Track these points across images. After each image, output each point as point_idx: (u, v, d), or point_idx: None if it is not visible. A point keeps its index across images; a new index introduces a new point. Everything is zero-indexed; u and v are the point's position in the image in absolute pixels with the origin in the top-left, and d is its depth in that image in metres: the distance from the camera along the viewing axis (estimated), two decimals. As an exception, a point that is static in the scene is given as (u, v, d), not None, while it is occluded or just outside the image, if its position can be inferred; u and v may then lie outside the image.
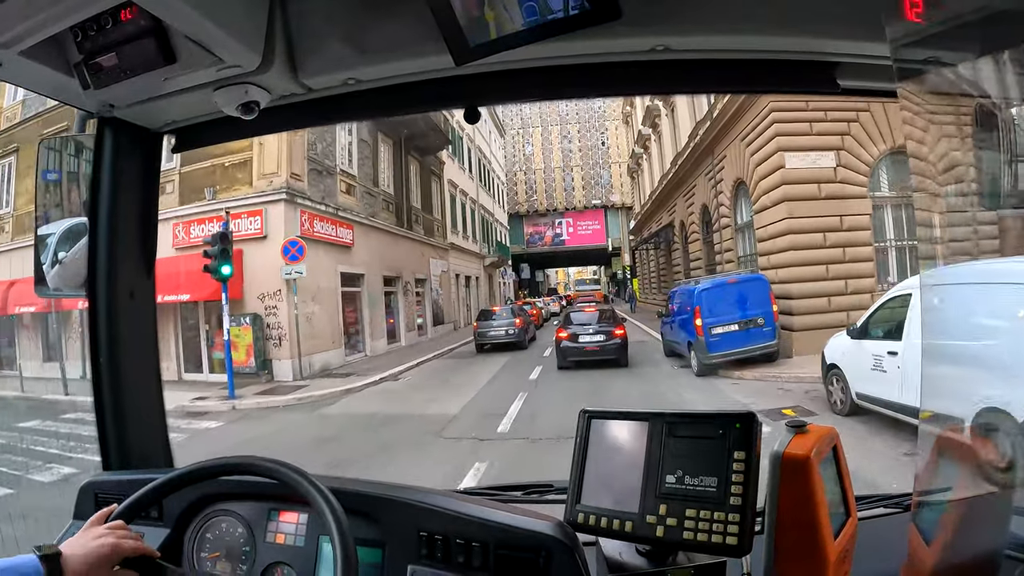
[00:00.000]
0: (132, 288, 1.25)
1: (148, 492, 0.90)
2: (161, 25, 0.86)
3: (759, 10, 0.89)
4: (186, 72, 0.92)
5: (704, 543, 0.75)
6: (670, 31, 0.92)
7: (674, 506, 0.78)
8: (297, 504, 1.00)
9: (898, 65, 0.60)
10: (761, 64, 1.01)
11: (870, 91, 1.10)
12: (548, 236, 46.76)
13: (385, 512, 0.95)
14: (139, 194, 1.26)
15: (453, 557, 0.88)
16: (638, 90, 1.13)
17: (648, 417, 0.84)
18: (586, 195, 45.67)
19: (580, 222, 46.01)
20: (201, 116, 1.20)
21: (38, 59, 0.90)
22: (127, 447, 1.25)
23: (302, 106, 1.14)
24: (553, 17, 0.80)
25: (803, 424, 0.76)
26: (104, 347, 1.22)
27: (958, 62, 0.70)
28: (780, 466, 0.72)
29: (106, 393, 1.23)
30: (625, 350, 11.53)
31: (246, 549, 1.01)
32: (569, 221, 46.15)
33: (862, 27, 0.86)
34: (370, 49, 0.97)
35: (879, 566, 0.86)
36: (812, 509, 0.71)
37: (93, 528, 0.84)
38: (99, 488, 1.15)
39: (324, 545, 0.97)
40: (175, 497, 0.99)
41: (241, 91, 1.00)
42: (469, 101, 1.09)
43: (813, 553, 0.71)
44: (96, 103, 1.10)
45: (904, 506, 1.06)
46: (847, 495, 0.80)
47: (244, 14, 0.88)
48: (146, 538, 1.03)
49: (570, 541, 0.84)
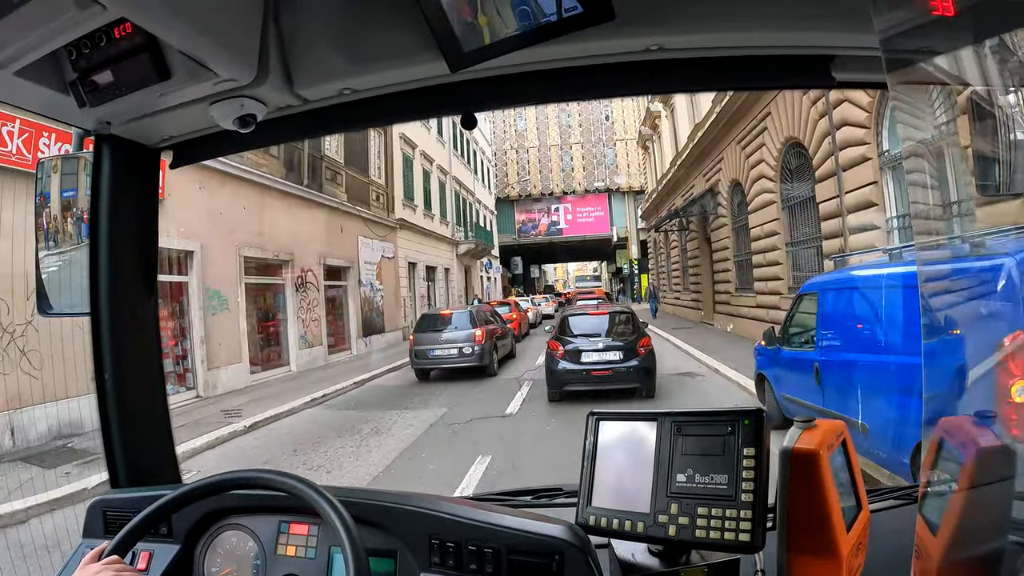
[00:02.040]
0: (134, 305, 1.25)
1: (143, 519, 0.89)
2: (156, 41, 0.86)
3: (753, 6, 0.89)
4: (182, 87, 0.92)
5: (717, 541, 0.75)
6: (664, 31, 0.92)
7: (685, 505, 0.78)
8: (307, 516, 0.99)
9: (887, 56, 0.60)
10: (756, 60, 1.01)
11: (865, 84, 1.10)
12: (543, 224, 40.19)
13: (396, 521, 0.95)
14: (138, 211, 1.26)
15: (465, 564, 0.88)
16: (634, 91, 1.13)
17: (656, 417, 0.85)
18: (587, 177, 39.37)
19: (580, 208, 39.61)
20: (198, 131, 1.20)
21: (33, 78, 0.90)
22: (134, 464, 1.25)
23: (298, 117, 1.14)
24: (547, 20, 0.80)
25: (811, 419, 0.76)
26: (108, 365, 1.22)
27: (949, 52, 0.70)
28: (790, 461, 0.72)
29: (111, 411, 1.23)
30: (651, 374, 7.64)
31: (257, 563, 1.01)
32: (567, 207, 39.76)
33: (855, 20, 0.86)
34: (365, 58, 0.97)
35: (892, 558, 0.86)
36: (823, 503, 0.71)
37: (89, 566, 0.83)
38: (107, 506, 1.14)
39: (336, 556, 0.96)
40: (183, 513, 0.99)
41: (237, 105, 1.01)
42: (465, 107, 1.10)
43: (826, 547, 0.71)
44: (93, 121, 1.11)
45: (913, 498, 1.06)
46: (857, 488, 0.80)
47: (238, 28, 0.88)
48: (156, 554, 1.04)
49: (582, 544, 0.84)
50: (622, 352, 7.65)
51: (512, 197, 40.13)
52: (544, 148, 40.15)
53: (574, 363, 7.75)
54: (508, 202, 40.10)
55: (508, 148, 40.25)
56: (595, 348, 7.76)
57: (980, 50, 0.72)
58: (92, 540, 1.00)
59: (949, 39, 0.65)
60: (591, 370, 7.64)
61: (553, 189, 40.03)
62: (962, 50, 0.70)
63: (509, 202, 40.19)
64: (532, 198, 40.21)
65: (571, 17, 0.79)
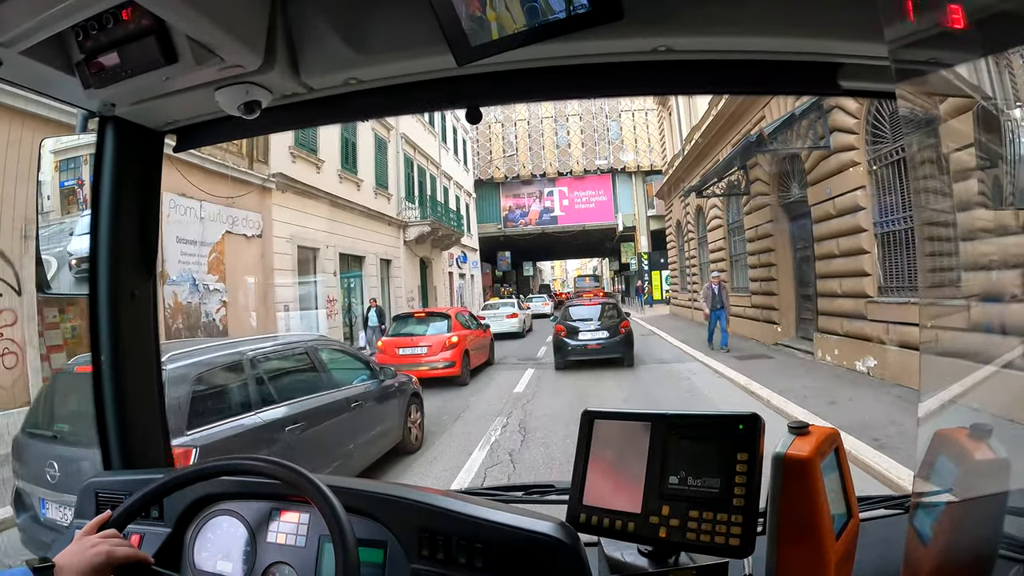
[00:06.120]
0: (133, 288, 1.25)
1: (143, 496, 0.91)
2: (163, 24, 0.86)
3: (760, 12, 0.89)
4: (187, 72, 0.92)
5: (707, 544, 0.76)
6: (672, 32, 0.92)
7: (677, 507, 0.78)
8: (299, 504, 1.00)
9: (896, 66, 0.60)
10: (762, 65, 1.01)
11: (872, 92, 1.10)
12: (534, 212, 32.85)
13: (387, 511, 0.95)
14: (140, 194, 1.26)
15: (455, 557, 0.88)
16: (640, 91, 1.13)
17: (651, 418, 0.85)
18: (586, 155, 32.03)
19: (578, 192, 32.37)
20: (202, 115, 1.20)
21: (39, 58, 0.90)
22: (128, 446, 1.25)
23: (303, 106, 1.14)
24: (555, 18, 0.80)
25: (804, 426, 0.76)
26: (105, 346, 1.22)
27: (958, 63, 0.70)
28: (782, 467, 0.73)
29: (106, 392, 1.23)
30: (631, 347, 10.59)
31: (247, 549, 1.01)
32: (563, 191, 32.53)
33: (863, 28, 0.86)
34: (372, 49, 0.97)
35: (881, 566, 0.86)
36: (814, 510, 0.72)
37: (86, 538, 0.84)
38: (100, 488, 1.15)
39: (326, 545, 0.97)
40: (176, 496, 0.99)
41: (242, 91, 1.00)
42: (471, 101, 1.10)
43: (815, 554, 0.71)
44: (97, 103, 1.10)
45: (905, 507, 1.07)
46: (849, 496, 0.81)
47: (246, 14, 0.88)
48: (147, 538, 1.04)
49: (572, 541, 0.85)
50: (608, 331, 10.53)
51: (497, 179, 32.40)
52: (535, 120, 32.27)
53: (573, 339, 10.57)
54: (492, 184, 32.44)
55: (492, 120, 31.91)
56: (589, 329, 10.61)
57: (990, 63, 0.72)
58: (83, 521, 1.00)
59: (960, 51, 0.65)
60: (587, 344, 10.47)
61: (546, 169, 32.19)
62: (972, 62, 0.70)
63: (493, 184, 32.45)
64: (521, 180, 32.51)
65: (579, 15, 0.79)
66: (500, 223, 32.83)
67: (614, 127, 31.97)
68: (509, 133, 32.47)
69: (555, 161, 32.22)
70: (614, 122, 31.94)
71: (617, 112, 31.78)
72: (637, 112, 31.19)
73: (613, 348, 10.44)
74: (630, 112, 31.49)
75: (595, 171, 32.07)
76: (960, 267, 0.74)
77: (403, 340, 10.01)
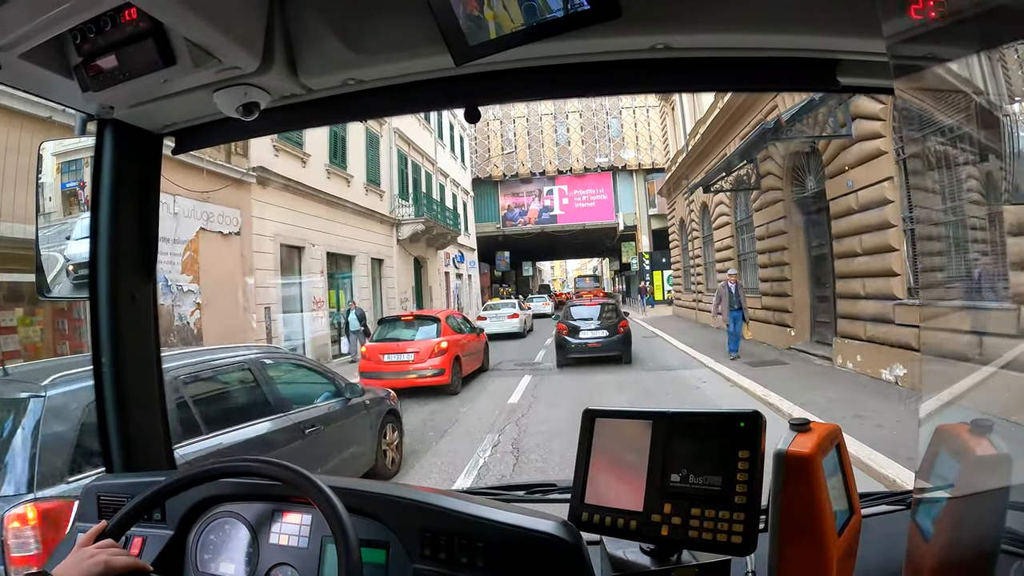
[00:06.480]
0: (133, 291, 1.25)
1: (140, 502, 0.91)
2: (161, 27, 0.86)
3: (758, 8, 0.89)
4: (186, 74, 0.92)
5: (709, 542, 0.75)
6: (670, 30, 0.92)
7: (679, 505, 0.78)
8: (301, 505, 1.00)
9: (895, 62, 0.59)
10: (761, 62, 1.01)
11: (870, 88, 1.10)
12: (533, 211, 32.23)
13: (389, 512, 0.95)
14: (139, 196, 1.26)
15: (457, 557, 0.88)
16: (638, 89, 1.13)
17: (652, 416, 0.84)
18: (587, 153, 31.55)
19: (578, 190, 31.86)
20: (201, 118, 1.20)
21: (38, 61, 0.90)
22: (129, 449, 1.25)
23: (302, 107, 1.14)
24: (553, 16, 0.80)
25: (806, 422, 0.76)
26: (106, 349, 1.22)
27: (956, 59, 0.70)
28: (784, 464, 0.72)
29: (108, 395, 1.23)
30: (629, 345, 11.10)
31: (249, 551, 1.01)
32: (563, 189, 32.00)
33: (862, 24, 0.86)
34: (370, 49, 0.97)
35: (883, 563, 0.86)
36: (816, 507, 0.71)
37: (84, 548, 0.84)
38: (102, 491, 1.15)
39: (328, 546, 0.97)
40: (178, 499, 0.99)
41: (241, 92, 1.01)
42: (469, 101, 1.09)
43: (817, 551, 0.71)
44: (96, 105, 1.10)
45: (907, 503, 1.07)
46: (851, 492, 0.80)
47: (243, 15, 0.88)
48: (149, 540, 1.04)
49: (574, 540, 0.85)
50: (608, 330, 10.94)
51: (495, 177, 31.86)
52: (534, 117, 31.62)
53: (574, 338, 10.96)
54: (490, 183, 31.98)
55: (491, 117, 31.23)
56: (590, 328, 11.04)
57: (988, 57, 0.72)
58: (85, 525, 1.00)
59: (958, 46, 0.65)
60: (587, 342, 10.87)
61: (545, 167, 31.62)
62: (970, 57, 0.70)
63: (492, 183, 32.02)
64: (520, 178, 31.89)
65: (577, 14, 0.79)
66: (498, 222, 32.40)
67: (615, 124, 31.36)
68: (508, 130, 31.97)
69: (555, 159, 31.72)
70: (615, 119, 31.34)
71: (618, 109, 31.19)
72: (638, 109, 30.64)
73: (612, 346, 10.89)
74: (631, 109, 30.91)
75: (595, 169, 31.58)
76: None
77: (389, 346, 9.12)
